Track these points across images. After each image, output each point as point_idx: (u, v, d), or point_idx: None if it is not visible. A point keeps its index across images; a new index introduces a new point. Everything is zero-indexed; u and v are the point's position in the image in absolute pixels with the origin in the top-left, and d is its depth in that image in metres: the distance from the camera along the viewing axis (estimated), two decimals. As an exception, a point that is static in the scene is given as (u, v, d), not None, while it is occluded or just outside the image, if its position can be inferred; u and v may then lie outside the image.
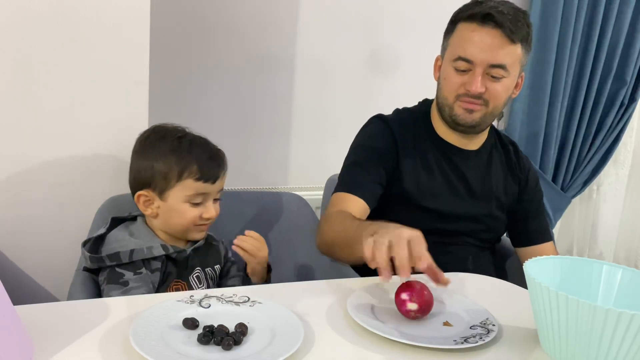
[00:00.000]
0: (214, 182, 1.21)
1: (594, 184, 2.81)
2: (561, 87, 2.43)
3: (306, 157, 2.22)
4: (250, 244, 1.22)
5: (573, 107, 2.52)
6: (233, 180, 2.12)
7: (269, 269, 1.29)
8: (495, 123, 2.54)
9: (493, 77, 1.32)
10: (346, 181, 1.37)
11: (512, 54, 1.32)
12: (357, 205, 1.33)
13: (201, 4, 1.95)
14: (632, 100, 2.60)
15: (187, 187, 1.19)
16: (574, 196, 2.68)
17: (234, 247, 1.22)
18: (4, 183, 1.36)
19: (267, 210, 1.51)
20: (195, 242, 1.25)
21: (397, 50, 2.26)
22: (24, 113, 1.34)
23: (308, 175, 2.21)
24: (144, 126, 1.38)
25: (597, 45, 2.45)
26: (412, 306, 0.92)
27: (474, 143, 1.45)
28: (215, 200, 1.25)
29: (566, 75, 2.43)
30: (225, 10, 1.99)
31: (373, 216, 1.43)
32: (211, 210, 1.22)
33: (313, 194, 1.98)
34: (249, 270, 1.26)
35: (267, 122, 2.14)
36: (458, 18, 1.36)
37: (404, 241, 0.92)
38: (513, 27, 1.29)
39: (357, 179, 1.36)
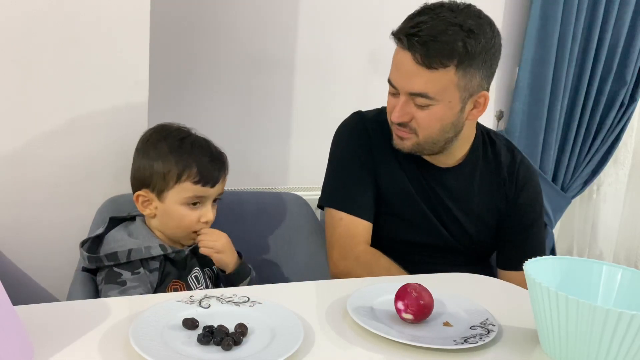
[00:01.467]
0: (213, 185, 1.20)
1: (594, 184, 2.81)
2: (561, 87, 2.43)
3: (306, 157, 2.21)
4: (204, 239, 1.20)
5: (573, 107, 2.52)
6: (233, 180, 2.11)
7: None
8: (495, 123, 2.56)
9: (417, 105, 1.21)
10: (345, 198, 1.33)
11: (435, 81, 1.17)
12: (367, 232, 1.32)
13: (201, 4, 1.95)
14: (632, 100, 2.60)
15: (185, 189, 1.18)
16: (574, 196, 2.68)
17: (202, 250, 1.21)
18: (4, 183, 1.36)
19: (267, 210, 1.51)
20: (193, 242, 1.25)
21: (397, 50, 2.26)
22: (24, 113, 1.34)
23: (308, 175, 2.21)
24: (144, 126, 1.38)
25: (597, 46, 2.45)
26: (407, 316, 0.92)
27: (449, 160, 1.35)
28: (213, 202, 1.24)
29: (566, 76, 2.43)
30: (225, 10, 1.99)
31: None
32: (209, 213, 1.21)
33: (313, 194, 1.97)
34: (216, 263, 1.23)
35: (267, 122, 2.14)
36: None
37: None
38: (428, 51, 1.14)
39: (357, 198, 1.32)
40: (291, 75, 2.13)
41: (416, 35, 1.15)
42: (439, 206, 1.36)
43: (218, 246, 1.21)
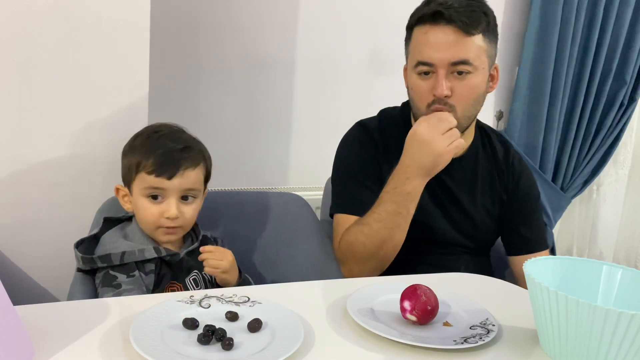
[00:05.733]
0: (169, 177, 1.14)
1: (593, 184, 2.81)
2: (561, 87, 2.43)
3: (306, 157, 2.22)
4: (210, 258, 1.17)
5: (573, 107, 2.52)
6: (233, 180, 2.13)
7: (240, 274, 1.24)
8: (495, 123, 2.56)
9: (459, 73, 1.27)
10: (350, 202, 1.35)
11: (473, 47, 1.26)
12: None
13: (201, 4, 1.96)
14: (631, 100, 2.60)
15: (143, 180, 1.16)
16: (573, 196, 2.68)
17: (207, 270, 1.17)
18: (4, 183, 1.36)
19: (267, 210, 1.51)
20: (190, 244, 1.24)
21: (397, 50, 2.25)
22: (24, 113, 1.34)
23: (308, 175, 2.21)
24: (144, 126, 1.38)
25: (596, 46, 2.45)
26: (411, 317, 0.92)
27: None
28: (185, 199, 1.19)
29: (566, 76, 2.43)
30: (225, 10, 1.99)
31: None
32: (171, 209, 1.16)
33: (313, 194, 1.98)
34: (218, 281, 1.20)
35: (267, 122, 2.14)
36: (411, 23, 1.33)
37: None
38: (466, 19, 1.24)
39: (366, 201, 1.32)
40: (291, 75, 2.13)
41: (451, 8, 1.25)
42: (447, 199, 1.39)
43: (224, 266, 1.17)
